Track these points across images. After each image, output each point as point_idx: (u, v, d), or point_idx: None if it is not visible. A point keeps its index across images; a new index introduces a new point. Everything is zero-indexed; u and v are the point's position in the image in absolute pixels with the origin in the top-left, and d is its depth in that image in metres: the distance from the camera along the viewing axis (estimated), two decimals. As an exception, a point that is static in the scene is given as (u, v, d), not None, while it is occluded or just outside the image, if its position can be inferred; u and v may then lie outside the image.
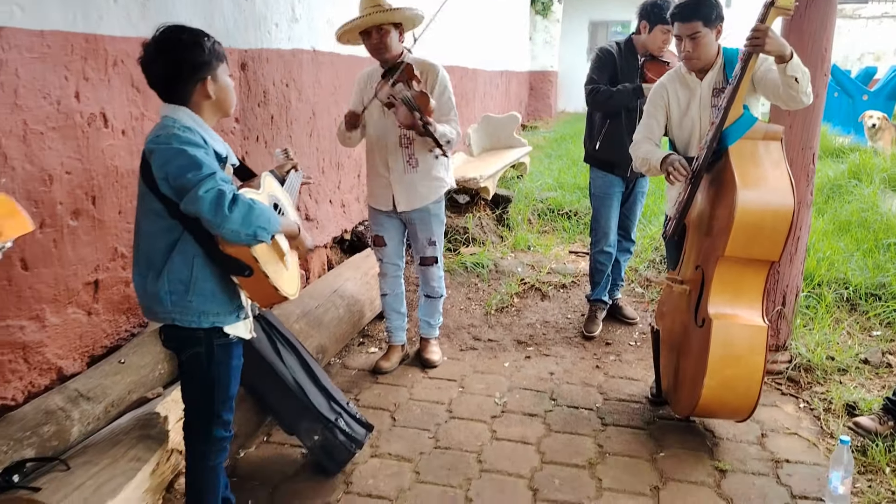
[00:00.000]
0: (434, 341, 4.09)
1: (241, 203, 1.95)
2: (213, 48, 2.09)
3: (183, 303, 2.07)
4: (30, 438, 2.06)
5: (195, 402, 2.24)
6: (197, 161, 1.95)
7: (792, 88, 2.85)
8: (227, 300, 2.16)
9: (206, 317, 2.12)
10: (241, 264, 2.07)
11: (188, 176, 1.93)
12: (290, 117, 4.13)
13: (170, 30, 2.07)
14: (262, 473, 2.96)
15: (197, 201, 1.91)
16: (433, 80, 3.55)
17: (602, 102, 4.17)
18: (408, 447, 3.16)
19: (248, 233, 1.98)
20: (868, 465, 3.02)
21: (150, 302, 2.10)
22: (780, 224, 2.88)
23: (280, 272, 2.20)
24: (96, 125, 2.61)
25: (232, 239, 1.99)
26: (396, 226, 3.81)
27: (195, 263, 2.07)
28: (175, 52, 2.02)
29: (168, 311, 2.08)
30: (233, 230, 1.95)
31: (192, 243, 2.06)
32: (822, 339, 4.04)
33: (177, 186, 1.95)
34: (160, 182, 1.98)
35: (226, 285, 2.14)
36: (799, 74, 2.83)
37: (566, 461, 3.08)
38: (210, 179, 1.93)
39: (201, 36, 2.08)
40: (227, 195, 1.93)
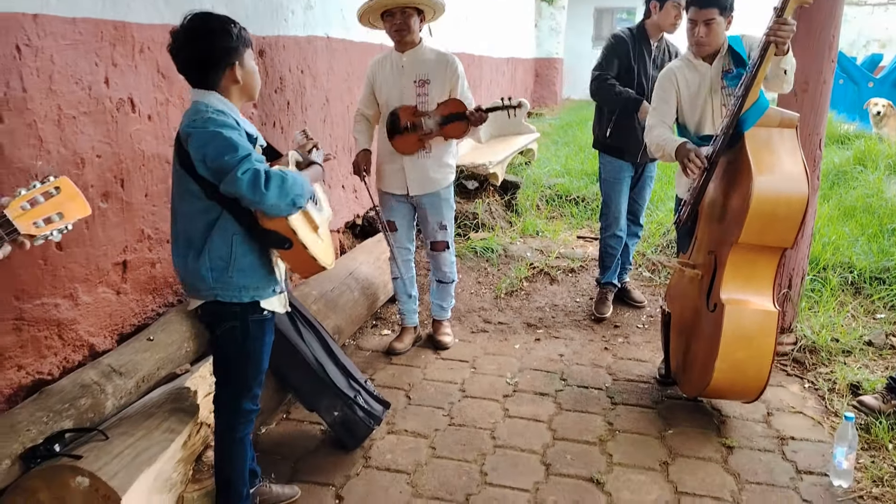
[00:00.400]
0: (446, 323, 4.18)
1: (275, 177, 2.04)
2: (241, 34, 2.16)
3: (224, 279, 2.16)
4: (68, 410, 2.15)
5: (227, 376, 2.33)
6: (233, 143, 2.03)
7: (779, 78, 3.03)
8: (265, 275, 2.26)
9: (247, 291, 2.21)
10: (281, 237, 2.17)
11: (225, 158, 2.01)
12: (305, 103, 4.20)
13: (198, 17, 2.14)
14: (284, 448, 3.06)
15: (236, 182, 1.99)
16: (453, 74, 3.64)
17: (601, 95, 4.27)
18: (423, 424, 3.26)
19: (287, 203, 2.08)
20: (871, 441, 3.11)
21: (193, 280, 2.19)
22: (794, 212, 2.93)
23: (317, 243, 2.30)
24: (124, 110, 2.69)
25: (273, 212, 2.08)
26: (407, 210, 3.89)
27: (234, 241, 2.16)
28: (204, 39, 2.10)
29: (210, 287, 2.17)
30: (272, 204, 2.05)
31: (230, 222, 2.15)
32: (827, 321, 4.12)
33: (215, 168, 2.03)
34: (198, 164, 2.06)
35: (264, 261, 2.24)
36: (789, 67, 3.01)
37: (577, 438, 3.17)
38: (246, 161, 2.02)
39: (229, 22, 2.15)
40: (262, 174, 2.02)
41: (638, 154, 4.27)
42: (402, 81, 3.64)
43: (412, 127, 3.64)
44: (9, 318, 2.25)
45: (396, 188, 3.80)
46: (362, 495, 2.74)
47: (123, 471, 2.02)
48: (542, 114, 13.39)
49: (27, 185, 1.56)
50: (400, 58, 3.65)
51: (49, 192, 1.56)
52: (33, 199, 1.52)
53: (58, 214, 1.56)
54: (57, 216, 1.56)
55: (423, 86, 3.60)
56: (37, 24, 2.26)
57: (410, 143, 3.67)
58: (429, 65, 3.62)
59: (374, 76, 3.73)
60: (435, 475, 2.88)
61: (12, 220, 1.47)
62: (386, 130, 3.71)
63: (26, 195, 1.52)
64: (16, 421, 2.04)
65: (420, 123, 3.62)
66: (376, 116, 3.80)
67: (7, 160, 2.19)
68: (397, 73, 3.65)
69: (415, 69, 3.63)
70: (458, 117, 3.59)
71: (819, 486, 2.83)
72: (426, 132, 3.63)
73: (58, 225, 1.56)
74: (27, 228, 1.50)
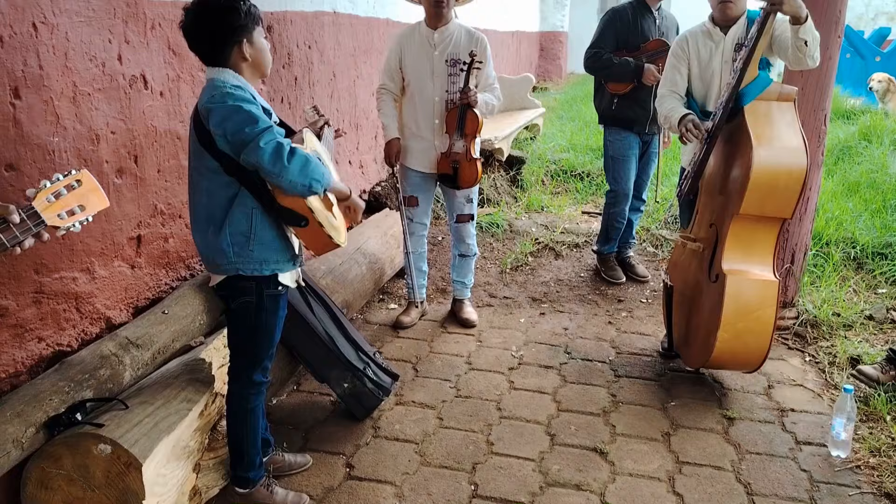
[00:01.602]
0: (468, 301, 4.24)
1: (299, 155, 2.09)
2: (250, 11, 2.18)
3: (245, 253, 2.22)
4: (88, 381, 2.21)
5: (240, 348, 2.40)
6: (253, 115, 2.07)
7: (800, 51, 2.95)
8: (283, 248, 2.31)
9: (267, 265, 2.27)
10: (298, 215, 2.22)
11: (246, 130, 2.05)
12: (312, 78, 4.22)
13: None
14: (295, 419, 3.14)
15: (258, 151, 2.03)
16: (483, 51, 3.66)
17: (599, 69, 4.31)
18: (430, 396, 3.33)
19: (304, 183, 2.12)
20: (870, 413, 3.18)
21: (214, 254, 2.24)
22: (793, 183, 2.98)
23: (332, 222, 2.35)
24: (137, 87, 2.73)
25: (289, 189, 2.12)
26: (430, 186, 3.91)
27: (254, 216, 2.21)
28: (213, 17, 2.12)
29: (232, 261, 2.22)
30: (291, 181, 2.09)
31: (250, 197, 2.20)
32: (829, 296, 4.18)
33: (236, 141, 2.07)
34: (218, 139, 2.10)
35: (282, 235, 2.30)
36: (809, 38, 2.92)
37: (581, 409, 3.24)
38: (269, 132, 2.06)
39: (237, 0, 2.17)
40: (286, 147, 2.06)
41: (646, 123, 4.31)
42: (433, 59, 3.65)
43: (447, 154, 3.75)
44: (29, 292, 2.31)
45: (425, 166, 3.82)
46: (372, 464, 2.82)
47: (144, 438, 2.09)
48: (547, 88, 13.33)
49: (45, 163, 1.61)
50: (431, 34, 3.66)
51: (71, 184, 1.61)
52: (57, 191, 1.57)
53: (79, 207, 1.62)
54: (79, 208, 1.61)
55: (455, 65, 3.62)
56: (52, 2, 2.29)
57: (445, 165, 3.76)
58: (461, 44, 3.64)
59: (402, 50, 3.71)
60: (442, 444, 2.95)
61: (40, 213, 1.52)
62: None
63: (51, 188, 1.57)
64: (39, 390, 2.10)
65: (451, 149, 3.71)
66: (401, 91, 3.80)
67: (26, 137, 2.23)
68: (428, 50, 3.65)
69: (447, 48, 3.64)
70: (465, 110, 3.62)
71: (818, 456, 2.90)
72: (458, 152, 3.69)
73: (79, 217, 1.61)
74: (52, 220, 1.55)
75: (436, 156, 3.77)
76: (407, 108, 3.79)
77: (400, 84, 3.78)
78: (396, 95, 3.81)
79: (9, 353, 2.27)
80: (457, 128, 3.65)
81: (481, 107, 3.64)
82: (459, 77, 3.60)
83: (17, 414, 2.00)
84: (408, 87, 3.75)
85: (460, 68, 3.59)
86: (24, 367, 2.32)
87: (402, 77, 3.75)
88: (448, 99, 3.67)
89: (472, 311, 4.22)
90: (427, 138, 3.76)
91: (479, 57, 3.57)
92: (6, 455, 1.94)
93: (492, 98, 3.72)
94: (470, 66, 3.55)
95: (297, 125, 3.99)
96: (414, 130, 3.79)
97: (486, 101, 3.68)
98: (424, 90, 3.70)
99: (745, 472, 2.80)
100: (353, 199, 2.45)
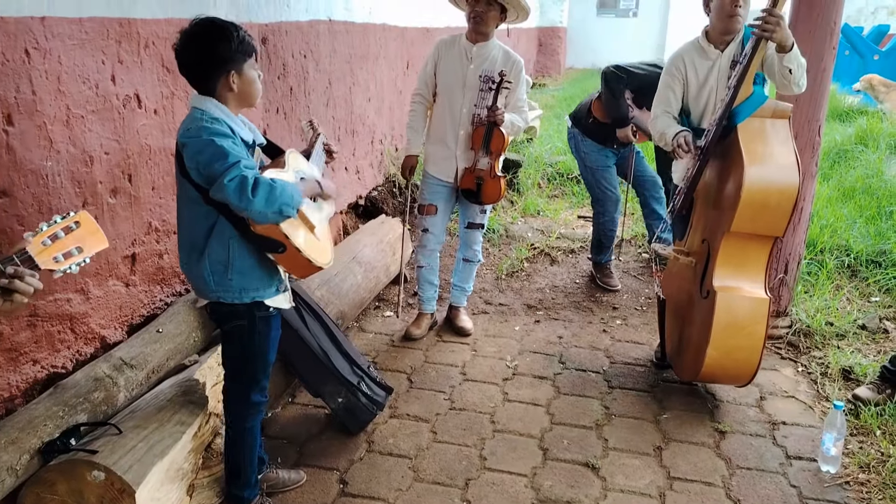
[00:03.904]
0: (464, 309, 4.26)
1: (263, 185, 2.08)
2: (242, 41, 2.18)
3: (224, 282, 2.23)
4: (82, 404, 2.24)
5: (236, 369, 2.41)
6: (224, 150, 2.08)
7: (785, 78, 3.00)
8: (265, 275, 2.31)
9: (247, 292, 2.28)
10: (274, 241, 2.22)
11: (215, 166, 2.06)
12: (307, 88, 4.23)
13: (201, 23, 2.17)
14: (290, 433, 3.16)
15: (223, 189, 2.05)
16: (516, 74, 3.69)
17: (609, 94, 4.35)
18: (425, 408, 3.35)
19: (273, 211, 2.11)
20: (860, 427, 3.20)
21: (197, 283, 2.27)
22: (785, 201, 3.00)
23: (312, 244, 2.35)
24: (131, 106, 2.74)
25: (260, 220, 2.13)
26: (450, 196, 3.90)
27: (231, 245, 2.22)
28: (202, 46, 2.13)
29: (213, 290, 2.24)
30: (259, 211, 2.09)
31: (227, 226, 2.20)
32: (822, 304, 4.20)
33: (206, 175, 2.09)
34: (192, 172, 2.12)
35: (263, 262, 2.29)
36: (794, 66, 2.95)
37: (574, 422, 3.27)
38: (235, 168, 2.06)
39: (230, 30, 2.17)
40: (250, 180, 2.06)
41: (616, 145, 4.47)
42: (468, 72, 3.67)
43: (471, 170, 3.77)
44: (23, 315, 2.33)
45: (446, 175, 3.83)
46: (365, 479, 2.84)
47: (137, 464, 2.11)
48: (546, 84, 13.34)
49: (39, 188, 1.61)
50: (470, 47, 3.68)
51: (69, 226, 1.61)
52: (54, 234, 1.58)
53: (77, 248, 1.62)
54: (76, 250, 1.62)
55: (487, 82, 3.63)
56: (44, 27, 2.30)
57: (469, 181, 3.77)
58: (496, 63, 3.65)
59: (440, 57, 3.75)
60: (436, 460, 2.98)
61: (34, 257, 1.53)
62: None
63: (48, 231, 1.57)
64: (33, 416, 2.13)
65: (476, 165, 3.72)
66: (433, 97, 3.83)
67: (19, 163, 2.25)
68: (465, 62, 3.68)
69: (483, 64, 3.66)
70: (492, 128, 3.64)
71: (807, 471, 2.93)
72: (482, 169, 3.72)
73: (76, 259, 1.62)
74: (46, 264, 1.55)
75: (456, 167, 3.80)
76: (435, 115, 3.84)
77: (433, 90, 3.81)
78: (430, 102, 3.84)
79: (4, 377, 2.29)
80: (482, 145, 3.68)
81: (507, 126, 3.66)
82: (489, 94, 3.63)
83: (11, 441, 2.03)
84: (438, 95, 3.79)
85: (490, 86, 3.62)
86: (18, 390, 2.34)
87: (434, 84, 3.79)
88: (475, 113, 3.69)
89: (468, 319, 4.24)
90: (450, 147, 3.78)
91: (508, 77, 3.60)
92: (1, 483, 1.96)
93: (518, 119, 3.75)
94: (499, 86, 3.59)
95: (293, 135, 4.02)
96: (439, 137, 3.82)
97: (512, 121, 3.70)
98: (454, 100, 3.73)
99: (735, 488, 2.82)
100: (325, 191, 2.47)
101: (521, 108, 3.77)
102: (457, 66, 3.70)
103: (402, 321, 4.27)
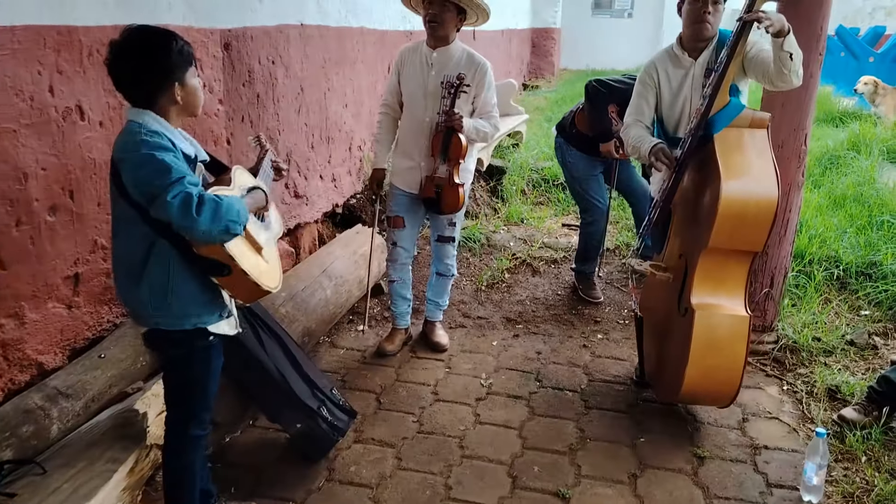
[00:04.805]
0: (440, 324, 4.10)
1: (208, 202, 1.93)
2: (182, 52, 2.05)
3: (164, 307, 2.08)
4: (9, 440, 2.09)
5: (174, 401, 2.27)
6: (165, 165, 1.93)
7: (785, 66, 2.77)
8: (208, 301, 2.16)
9: (188, 319, 2.13)
10: (219, 264, 2.07)
11: (156, 182, 1.91)
12: (276, 95, 4.08)
13: (136, 32, 2.03)
14: (247, 459, 3.01)
15: (166, 207, 1.89)
16: (481, 80, 3.53)
17: (591, 108, 4.24)
18: (391, 432, 3.21)
19: (219, 229, 1.96)
20: (845, 452, 3.06)
21: (134, 308, 2.12)
22: (763, 215, 2.86)
23: (259, 266, 2.20)
24: (72, 118, 2.59)
25: (205, 239, 1.98)
26: (417, 208, 3.75)
27: (172, 267, 2.07)
28: (140, 57, 1.99)
29: (151, 315, 2.09)
30: (204, 230, 1.94)
31: (167, 247, 2.06)
32: (810, 319, 4.05)
33: (145, 193, 1.94)
34: (131, 189, 1.98)
35: (206, 286, 2.14)
36: (794, 51, 2.76)
37: (547, 447, 3.12)
38: (178, 184, 1.91)
39: (169, 39, 2.04)
40: (195, 197, 1.91)
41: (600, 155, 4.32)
42: (428, 79, 3.52)
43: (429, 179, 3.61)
44: (-53, 344, 2.19)
45: (411, 187, 3.68)
46: (322, 512, 2.70)
47: (60, 507, 1.97)
48: (538, 86, 13.18)
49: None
50: (430, 53, 3.52)
51: None
52: None
53: None
54: None
55: (449, 87, 3.47)
56: (-31, 37, 2.15)
57: (429, 189, 3.61)
58: (459, 67, 3.49)
59: (403, 65, 3.61)
60: (398, 489, 2.83)
61: None
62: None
63: None
64: (-48, 454, 1.98)
65: (435, 172, 3.57)
66: (400, 107, 3.69)
67: (-61, 182, 2.10)
68: (426, 69, 3.53)
69: (443, 69, 3.50)
70: (450, 134, 3.48)
71: (788, 500, 2.79)
72: (441, 176, 3.56)
73: None
74: None
75: (421, 178, 3.64)
76: (401, 126, 3.70)
77: (399, 100, 3.67)
78: (398, 113, 3.70)
79: (-76, 410, 2.14)
80: (440, 151, 3.52)
81: (470, 132, 3.50)
82: (449, 100, 3.47)
83: (-78, 484, 1.88)
84: (404, 105, 3.65)
85: (449, 91, 3.45)
86: (-58, 424, 2.20)
87: (400, 93, 3.65)
88: (438, 121, 3.53)
89: (444, 334, 4.09)
90: (414, 158, 3.63)
91: (467, 80, 3.44)
92: None
93: (485, 125, 3.57)
94: (457, 89, 3.42)
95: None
96: (404, 148, 3.67)
97: (477, 126, 3.53)
98: (416, 109, 3.58)
99: (711, 521, 2.68)
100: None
101: (490, 114, 3.61)
102: (418, 74, 3.55)
103: (375, 335, 4.13)
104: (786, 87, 2.92)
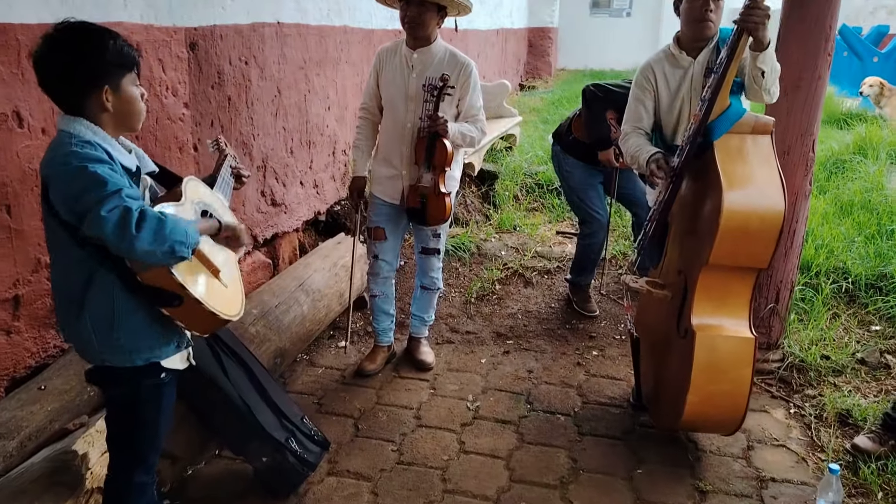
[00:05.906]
0: (425, 340, 3.86)
1: (150, 218, 1.68)
2: (119, 53, 1.82)
3: (109, 342, 1.84)
4: (-76, 489, 1.86)
5: (118, 444, 2.03)
6: (99, 177, 1.69)
7: (756, 82, 2.66)
8: (160, 332, 1.92)
9: (139, 353, 1.89)
10: (167, 294, 1.82)
11: (89, 196, 1.67)
12: (250, 97, 3.83)
13: (70, 26, 1.80)
14: (212, 493, 2.77)
15: (100, 223, 1.64)
16: (465, 81, 3.29)
17: (589, 114, 4.05)
18: (368, 463, 2.96)
19: (163, 250, 1.71)
20: (859, 486, 2.82)
21: (78, 344, 1.89)
22: (768, 229, 2.63)
23: (216, 291, 1.95)
24: (8, 126, 2.35)
25: (147, 261, 1.74)
26: (399, 219, 3.51)
27: (116, 297, 1.82)
28: (67, 55, 1.76)
29: (97, 351, 1.86)
30: (145, 251, 1.69)
31: (109, 276, 1.81)
32: (818, 335, 3.81)
33: (77, 210, 1.69)
34: (61, 208, 1.74)
35: (157, 317, 1.89)
36: (767, 68, 2.62)
37: (536, 479, 2.88)
38: (115, 197, 1.67)
39: (105, 37, 1.80)
40: (134, 212, 1.66)
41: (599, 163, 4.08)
42: (409, 82, 3.28)
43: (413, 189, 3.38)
44: None
45: (391, 196, 3.44)
46: (287, 556, 2.46)
47: (-26, 571, 1.73)
48: (535, 86, 12.94)
49: None
50: (411, 54, 3.28)
51: None
52: None
53: None
54: None
55: (431, 90, 3.23)
56: None
57: (413, 199, 3.38)
58: (442, 68, 3.24)
59: (382, 67, 3.37)
60: (372, 530, 2.60)
61: None
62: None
63: None
64: None
65: (419, 181, 3.33)
66: (380, 111, 3.46)
67: None
68: (406, 72, 3.29)
69: (426, 71, 3.26)
70: (434, 139, 3.23)
71: (799, 542, 2.55)
72: (426, 185, 3.32)
73: None
74: None
75: (403, 186, 3.39)
76: (381, 131, 3.46)
77: (378, 104, 3.43)
78: (377, 117, 3.46)
79: None
80: (425, 158, 3.27)
81: (455, 137, 3.25)
82: (432, 103, 3.22)
83: None
84: (384, 109, 3.41)
85: (433, 94, 3.21)
86: None
87: (379, 96, 3.41)
88: (421, 126, 3.29)
89: (429, 351, 3.85)
90: (396, 166, 3.39)
91: (451, 81, 3.20)
92: None
93: (471, 129, 3.33)
94: (441, 91, 3.18)
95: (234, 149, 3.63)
96: (384, 155, 3.44)
97: (463, 131, 3.29)
98: (397, 114, 3.34)
99: (714, 567, 2.44)
100: (227, 226, 2.05)
101: (476, 117, 3.37)
102: (398, 77, 3.30)
103: (358, 352, 3.89)
104: (757, 101, 2.81)
